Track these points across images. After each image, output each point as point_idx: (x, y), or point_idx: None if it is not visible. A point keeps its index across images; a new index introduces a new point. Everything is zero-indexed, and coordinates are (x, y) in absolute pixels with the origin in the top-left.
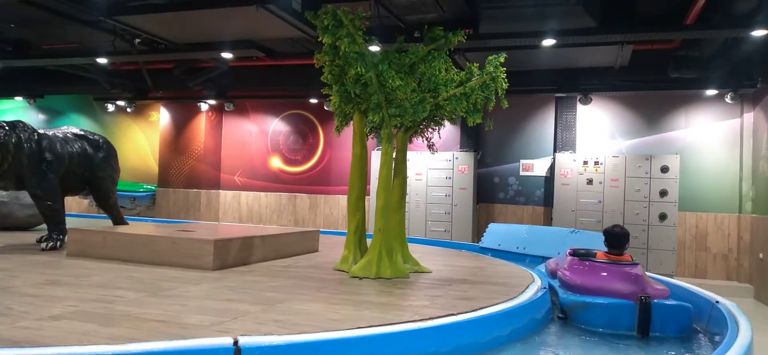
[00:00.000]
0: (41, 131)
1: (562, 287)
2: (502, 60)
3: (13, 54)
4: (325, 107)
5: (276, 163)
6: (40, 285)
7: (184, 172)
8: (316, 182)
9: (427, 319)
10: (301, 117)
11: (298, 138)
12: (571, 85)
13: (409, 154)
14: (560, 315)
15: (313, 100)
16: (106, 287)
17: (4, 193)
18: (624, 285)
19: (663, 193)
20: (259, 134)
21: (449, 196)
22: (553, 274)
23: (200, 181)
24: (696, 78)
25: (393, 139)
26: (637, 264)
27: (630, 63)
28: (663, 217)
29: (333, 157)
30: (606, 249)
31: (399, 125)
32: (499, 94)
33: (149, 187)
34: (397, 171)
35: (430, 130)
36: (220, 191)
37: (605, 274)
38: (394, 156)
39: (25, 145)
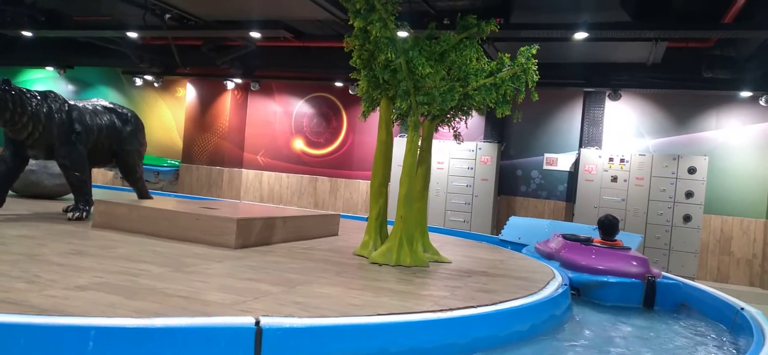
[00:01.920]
0: (71, 102)
1: (566, 268)
2: (534, 51)
3: (46, 24)
4: (350, 91)
5: (299, 144)
6: (67, 255)
7: (208, 150)
8: (338, 166)
9: (446, 310)
10: (326, 100)
11: (321, 121)
12: (601, 79)
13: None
14: (573, 292)
15: (339, 84)
16: (130, 260)
17: (33, 162)
18: (633, 267)
19: (689, 194)
20: (283, 115)
21: (470, 186)
22: (547, 256)
23: (223, 159)
24: (730, 79)
25: (419, 127)
26: (629, 248)
27: (663, 60)
28: (687, 218)
29: (355, 142)
30: (600, 236)
31: (426, 113)
32: (530, 87)
33: (173, 162)
34: (421, 159)
35: (457, 119)
36: (243, 169)
37: (616, 258)
38: (419, 144)
39: (56, 116)
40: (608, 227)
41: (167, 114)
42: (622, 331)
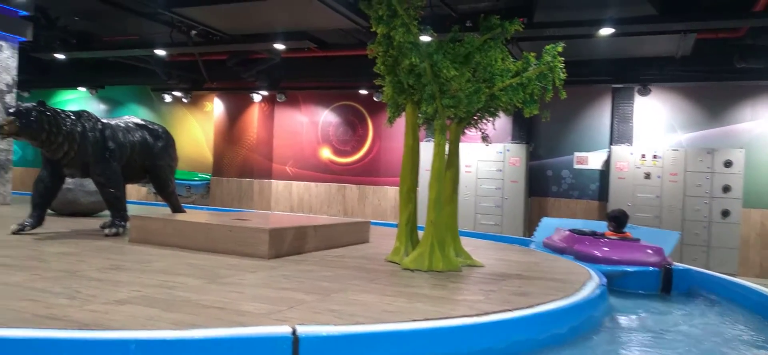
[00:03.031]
0: (104, 121)
1: (580, 261)
2: (559, 49)
3: (77, 46)
4: (375, 98)
5: (326, 153)
6: (105, 270)
7: (237, 162)
8: (365, 173)
9: (482, 314)
10: (351, 108)
11: (347, 129)
12: (629, 75)
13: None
14: None
15: (363, 91)
16: (166, 273)
17: (70, 180)
18: (651, 256)
19: (726, 188)
20: (309, 125)
21: (500, 189)
22: (560, 251)
23: (253, 170)
24: (764, 68)
25: (446, 130)
26: (638, 239)
27: (692, 52)
28: (726, 213)
29: (382, 148)
30: (612, 229)
31: (453, 116)
32: (557, 85)
33: (204, 176)
34: (449, 163)
35: (484, 121)
36: (272, 180)
37: (634, 249)
38: (446, 147)
39: (90, 134)
40: (621, 220)
41: (197, 129)
42: (656, 324)
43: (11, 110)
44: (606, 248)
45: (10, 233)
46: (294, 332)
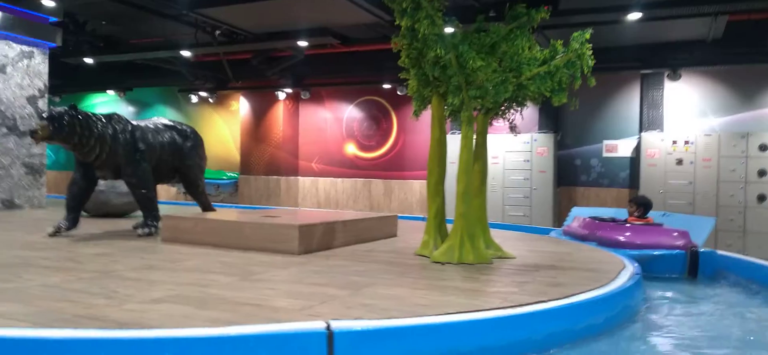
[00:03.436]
0: (134, 123)
1: (604, 246)
2: (587, 36)
3: (105, 50)
4: (399, 92)
5: (351, 149)
6: (140, 269)
7: (264, 160)
8: (391, 168)
9: (517, 305)
10: (375, 103)
11: (372, 124)
12: (659, 60)
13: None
14: None
15: (387, 86)
16: (199, 272)
17: (101, 182)
18: (677, 240)
19: (762, 173)
20: (334, 121)
21: (528, 179)
22: (581, 238)
23: (279, 168)
24: None
25: (473, 121)
26: (661, 224)
27: (724, 35)
28: (762, 198)
29: (406, 142)
30: (636, 215)
31: (480, 107)
32: (585, 72)
33: (232, 174)
34: (477, 154)
35: (511, 111)
36: (299, 177)
37: (660, 233)
38: (474, 139)
39: (121, 136)
40: (646, 205)
41: (223, 128)
42: (692, 311)
43: (44, 115)
44: (630, 233)
45: (46, 235)
46: (328, 327)
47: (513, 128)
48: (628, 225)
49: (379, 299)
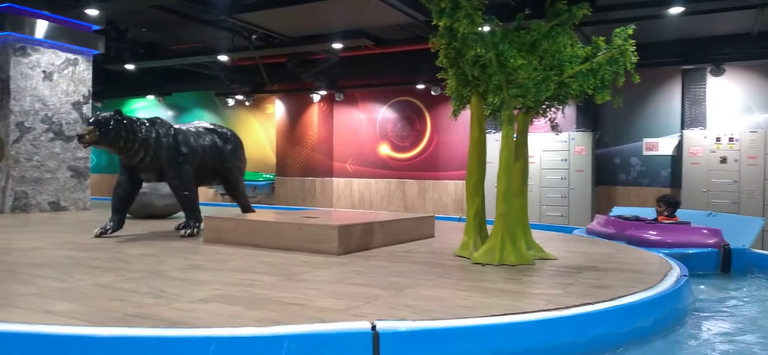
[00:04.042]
0: (176, 126)
1: (634, 245)
2: (630, 32)
3: (145, 56)
4: (433, 93)
5: (385, 150)
6: (185, 269)
7: (299, 161)
8: (424, 168)
9: (562, 308)
10: (409, 103)
11: (405, 124)
12: (701, 55)
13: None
14: None
15: (420, 86)
16: (243, 272)
17: (144, 185)
18: (710, 238)
19: None
20: (368, 122)
21: (566, 178)
22: (608, 236)
23: (315, 169)
24: None
25: (514, 121)
26: (688, 222)
27: None
28: None
29: (440, 143)
30: (666, 214)
31: (520, 106)
32: (629, 68)
33: (268, 176)
34: (518, 154)
35: (552, 109)
36: (334, 178)
37: (692, 232)
38: (514, 138)
39: (164, 140)
40: (675, 204)
41: (259, 131)
42: (741, 312)
43: (90, 120)
44: (662, 232)
45: (93, 236)
46: (374, 328)
47: (554, 127)
48: (659, 224)
49: (422, 299)
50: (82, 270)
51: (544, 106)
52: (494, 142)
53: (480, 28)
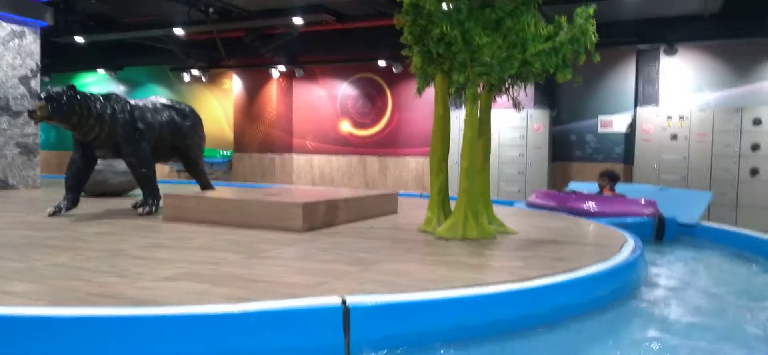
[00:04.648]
0: (133, 102)
1: (576, 215)
2: (591, 12)
3: (96, 29)
4: (394, 70)
5: (346, 126)
6: (147, 248)
7: (258, 138)
8: (386, 145)
9: (525, 280)
10: (370, 80)
11: (366, 101)
12: (655, 35)
13: None
14: None
15: (382, 63)
16: (207, 249)
17: (99, 162)
18: (646, 208)
19: (755, 147)
20: (328, 99)
21: (523, 155)
22: (549, 208)
23: (274, 146)
24: None
25: (478, 98)
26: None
27: (721, 9)
28: (755, 172)
29: (401, 120)
30: (610, 187)
31: (484, 84)
32: (589, 48)
33: (225, 153)
34: (481, 131)
35: (515, 88)
36: (293, 154)
37: (631, 203)
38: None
39: (120, 116)
40: (616, 178)
41: (216, 106)
42: (692, 281)
43: (42, 95)
44: (601, 203)
45: (47, 215)
46: (344, 303)
47: (517, 105)
48: (597, 196)
49: (390, 274)
50: (38, 250)
51: (506, 85)
52: (454, 119)
53: (445, 6)
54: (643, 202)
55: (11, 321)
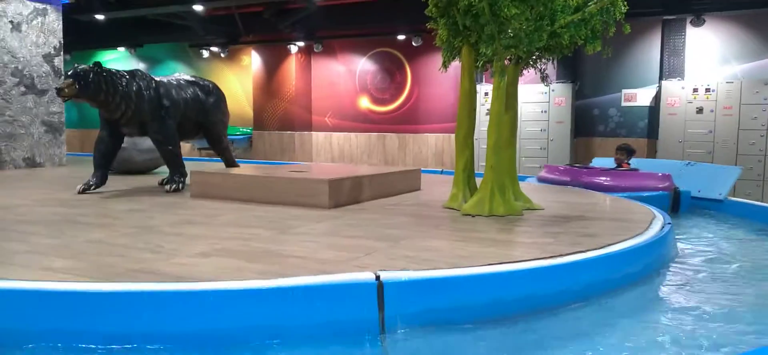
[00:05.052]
0: (158, 79)
1: (595, 190)
2: None
3: (116, 6)
4: (414, 44)
5: (365, 103)
6: (178, 224)
7: (277, 115)
8: (405, 121)
9: (556, 256)
10: (389, 55)
11: (385, 76)
12: (681, 5)
13: None
14: None
15: (401, 37)
16: (238, 226)
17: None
18: (664, 182)
19: None
20: (347, 74)
21: (545, 130)
22: (563, 183)
23: (293, 123)
24: None
25: (505, 72)
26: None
27: None
28: None
29: (421, 96)
30: (627, 162)
31: (512, 57)
32: (619, 18)
33: (245, 130)
34: (508, 105)
35: (543, 60)
36: (313, 132)
37: (649, 177)
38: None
39: (145, 93)
40: (631, 152)
41: (235, 83)
42: (719, 256)
43: (69, 73)
44: (616, 178)
45: (77, 192)
46: (378, 278)
47: (544, 78)
48: (611, 170)
49: (420, 250)
50: (72, 227)
51: (534, 57)
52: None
53: None
54: (659, 176)
55: (55, 296)
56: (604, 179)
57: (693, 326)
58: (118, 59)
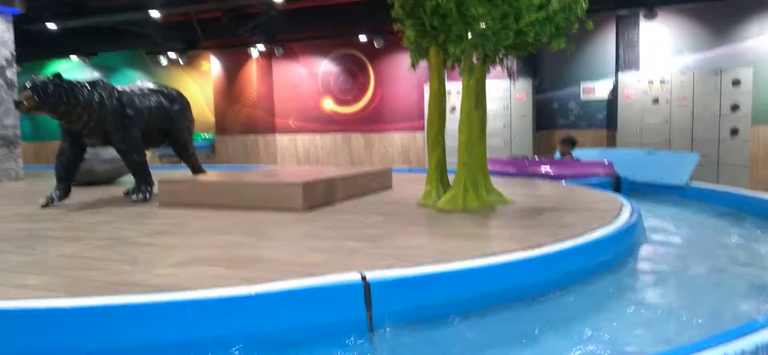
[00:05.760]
0: (120, 88)
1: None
2: None
3: (68, 14)
4: (376, 45)
5: (328, 104)
6: (151, 235)
7: (240, 119)
8: (370, 121)
9: (536, 247)
10: (351, 56)
11: (348, 78)
12: (635, 0)
13: (460, 86)
14: None
15: (363, 38)
16: (214, 233)
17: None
18: (606, 169)
19: (734, 107)
20: (309, 77)
21: (507, 126)
22: (510, 174)
23: (256, 126)
24: None
25: (473, 71)
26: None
27: None
28: (734, 132)
29: (385, 96)
30: (570, 151)
31: (479, 55)
32: (580, 15)
33: (208, 136)
34: (477, 103)
35: (509, 58)
36: (277, 135)
37: (594, 165)
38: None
39: (108, 103)
40: (574, 142)
41: (195, 89)
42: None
43: (28, 85)
44: (560, 167)
45: (40, 206)
46: (364, 278)
47: (511, 75)
48: (555, 160)
49: (401, 248)
50: (42, 242)
51: (500, 55)
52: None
53: None
54: (599, 164)
55: (31, 314)
56: (547, 168)
57: (668, 305)
58: (71, 68)
